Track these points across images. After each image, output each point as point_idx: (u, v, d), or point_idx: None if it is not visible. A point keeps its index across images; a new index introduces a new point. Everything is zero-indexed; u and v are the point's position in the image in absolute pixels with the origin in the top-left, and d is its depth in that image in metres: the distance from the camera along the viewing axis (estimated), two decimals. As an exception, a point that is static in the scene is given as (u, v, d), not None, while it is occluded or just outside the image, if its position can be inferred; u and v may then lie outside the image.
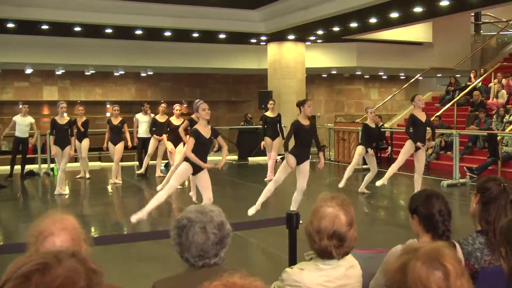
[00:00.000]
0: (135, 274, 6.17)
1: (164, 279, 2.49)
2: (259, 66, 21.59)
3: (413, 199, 3.10)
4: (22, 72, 21.59)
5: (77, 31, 17.14)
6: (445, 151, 15.57)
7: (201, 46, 20.44)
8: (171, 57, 20.59)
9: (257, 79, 24.66)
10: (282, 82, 19.61)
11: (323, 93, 28.08)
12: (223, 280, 1.45)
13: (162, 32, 17.69)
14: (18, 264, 1.30)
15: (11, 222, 9.66)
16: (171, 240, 2.48)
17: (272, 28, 17.46)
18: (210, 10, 16.37)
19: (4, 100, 23.20)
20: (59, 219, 2.25)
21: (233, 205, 9.88)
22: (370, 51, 21.39)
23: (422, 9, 14.26)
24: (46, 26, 16.45)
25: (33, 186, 13.27)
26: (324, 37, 19.34)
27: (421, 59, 21.90)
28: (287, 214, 4.05)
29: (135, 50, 19.73)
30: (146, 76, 24.21)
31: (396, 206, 10.85)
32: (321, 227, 2.56)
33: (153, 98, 25.42)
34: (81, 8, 15.16)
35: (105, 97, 24.62)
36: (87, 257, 1.40)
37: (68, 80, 23.62)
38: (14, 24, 16.07)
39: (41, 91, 23.32)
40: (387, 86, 28.88)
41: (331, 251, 2.58)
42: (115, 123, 12.82)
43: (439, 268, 1.64)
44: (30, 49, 18.52)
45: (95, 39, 18.91)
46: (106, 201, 11.68)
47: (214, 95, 26.32)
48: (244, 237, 7.04)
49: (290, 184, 11.80)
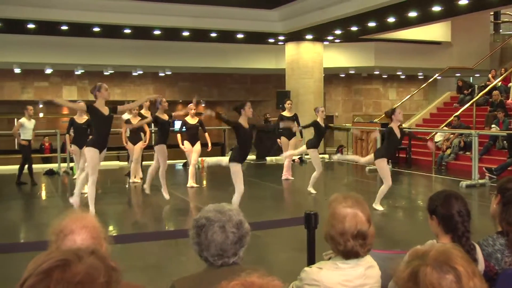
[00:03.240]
0: (154, 272, 6.19)
1: (183, 278, 2.50)
2: (277, 66, 21.58)
3: (432, 199, 3.08)
4: (42, 72, 21.81)
5: (96, 31, 17.28)
6: (464, 152, 15.45)
7: (219, 46, 20.48)
8: (189, 57, 20.66)
9: (275, 79, 24.65)
10: (300, 82, 19.59)
11: (341, 93, 27.99)
12: (241, 279, 1.45)
13: (180, 32, 17.76)
14: (39, 261, 1.31)
15: (31, 220, 9.76)
16: (190, 239, 2.49)
17: (290, 28, 17.45)
18: (228, 10, 16.40)
19: (25, 100, 23.42)
20: (79, 217, 2.27)
21: (251, 205, 9.87)
22: (388, 51, 21.29)
23: (441, 8, 14.16)
24: (66, 27, 16.60)
25: (53, 185, 13.38)
26: (342, 37, 19.28)
27: (439, 58, 21.75)
28: (306, 214, 4.05)
29: (154, 50, 19.82)
30: (164, 76, 24.31)
31: (414, 207, 10.78)
32: (345, 229, 2.56)
33: (171, 98, 25.49)
34: (100, 9, 15.28)
35: (123, 96, 24.75)
36: (107, 255, 1.42)
37: (87, 80, 23.79)
38: (34, 25, 16.25)
39: (61, 91, 23.52)
40: (405, 86, 28.72)
41: (357, 250, 2.58)
42: (133, 122, 12.79)
43: (450, 271, 1.61)
44: (50, 50, 18.73)
45: (113, 40, 19.05)
46: (124, 200, 11.75)
47: (231, 94, 26.36)
48: (262, 236, 7.04)
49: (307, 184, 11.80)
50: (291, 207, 10.59)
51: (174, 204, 10.76)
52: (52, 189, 13.03)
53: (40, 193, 12.48)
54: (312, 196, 11.26)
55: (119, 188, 12.77)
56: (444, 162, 15.38)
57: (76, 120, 11.71)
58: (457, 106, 18.63)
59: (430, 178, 14.52)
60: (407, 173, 14.99)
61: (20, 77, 22.36)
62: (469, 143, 14.73)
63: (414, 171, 15.14)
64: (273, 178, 13.83)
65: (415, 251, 1.74)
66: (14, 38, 17.98)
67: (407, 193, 12.97)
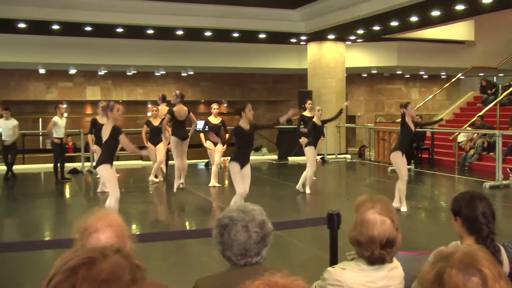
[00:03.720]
0: (177, 271, 6.23)
1: (206, 277, 2.51)
2: (299, 66, 21.56)
3: (456, 200, 3.05)
4: (66, 72, 22.03)
5: (119, 32, 17.43)
6: (488, 152, 15.27)
7: (241, 46, 20.53)
8: (211, 57, 20.73)
9: (297, 78, 24.61)
10: (322, 82, 19.54)
11: (363, 93, 27.85)
12: (265, 279, 1.46)
13: (202, 32, 17.82)
14: (66, 259, 1.33)
15: (56, 218, 9.87)
16: (214, 239, 2.50)
17: (312, 28, 17.42)
18: (250, 10, 16.43)
19: (49, 100, 23.70)
20: (104, 216, 2.29)
21: (273, 205, 9.88)
22: (411, 50, 21.15)
23: (464, 7, 14.01)
24: (90, 28, 16.77)
25: (77, 184, 13.52)
26: (364, 37, 19.19)
27: (462, 58, 21.55)
28: (328, 214, 4.04)
29: (176, 50, 19.94)
30: (186, 76, 24.40)
31: (436, 207, 10.69)
32: (374, 237, 2.53)
33: (193, 98, 25.62)
34: (123, 10, 15.41)
35: (146, 97, 24.91)
36: (132, 253, 1.43)
37: (110, 80, 23.98)
38: (58, 26, 16.45)
39: (84, 91, 23.74)
40: (428, 85, 28.49)
41: (384, 258, 2.56)
42: (155, 124, 12.80)
43: (476, 273, 1.59)
44: (74, 50, 18.94)
45: (136, 40, 19.20)
46: (147, 199, 11.83)
47: (253, 94, 26.37)
48: (284, 236, 7.04)
49: (328, 185, 11.77)
50: (313, 207, 10.57)
51: (197, 203, 10.81)
52: (76, 188, 13.16)
53: (64, 191, 12.61)
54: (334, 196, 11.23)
55: (141, 187, 12.84)
56: (467, 162, 15.22)
57: (98, 121, 11.81)
58: (481, 106, 18.43)
59: (453, 179, 14.39)
60: (429, 174, 14.88)
61: (44, 77, 22.62)
62: (493, 143, 14.55)
63: (436, 172, 15.02)
64: (295, 178, 13.80)
65: (440, 253, 1.72)
66: (39, 39, 18.24)
67: (430, 193, 12.87)
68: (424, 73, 26.92)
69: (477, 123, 16.27)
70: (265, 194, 11.91)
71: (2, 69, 21.96)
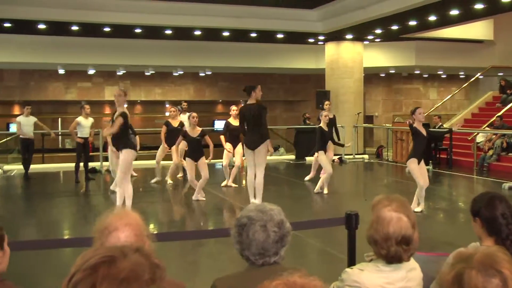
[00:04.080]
0: (194, 271, 6.25)
1: (224, 276, 2.52)
2: (317, 66, 21.52)
3: (475, 201, 3.03)
4: (85, 73, 22.22)
5: (137, 32, 17.53)
6: (507, 153, 15.13)
7: (259, 46, 20.54)
8: (229, 57, 20.78)
9: (315, 79, 24.57)
10: (339, 82, 19.49)
11: (381, 93, 27.73)
12: (283, 279, 1.46)
13: (220, 32, 17.86)
14: (86, 257, 1.35)
15: (74, 217, 9.95)
16: (232, 238, 2.50)
17: (330, 28, 17.38)
18: (268, 10, 16.43)
19: (68, 100, 23.91)
20: (123, 215, 2.31)
21: (291, 205, 9.88)
22: (429, 50, 21.00)
23: (483, 5, 13.88)
24: (108, 29, 16.90)
25: (96, 183, 13.60)
26: (382, 36, 19.11)
27: (481, 57, 21.37)
28: (346, 214, 4.03)
29: (194, 50, 20.00)
30: (204, 76, 24.47)
31: (455, 208, 10.62)
32: (390, 233, 2.52)
33: (211, 98, 25.72)
34: (142, 10, 15.50)
35: (164, 96, 25.03)
36: (151, 252, 1.44)
37: (129, 80, 24.13)
38: (77, 27, 16.59)
39: (103, 91, 23.91)
40: (446, 85, 28.30)
41: (401, 256, 2.55)
42: (174, 125, 12.66)
43: (496, 275, 1.59)
44: (92, 51, 19.10)
45: (155, 40, 19.29)
46: (165, 198, 11.88)
47: (271, 94, 26.35)
48: (302, 236, 7.04)
49: (346, 185, 11.74)
50: (331, 207, 10.54)
51: (214, 203, 10.83)
52: (95, 187, 13.25)
53: (83, 191, 12.70)
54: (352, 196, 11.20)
55: (159, 186, 12.89)
56: (486, 163, 15.09)
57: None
58: (500, 106, 18.27)
59: (471, 180, 14.28)
60: (448, 174, 14.77)
61: (64, 77, 22.82)
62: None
63: (455, 172, 14.91)
64: (314, 178, 13.78)
65: (459, 254, 1.72)
66: (58, 40, 18.42)
67: (448, 194, 12.78)
68: (443, 72, 26.74)
69: (496, 123, 16.13)
70: (283, 194, 11.91)
71: (22, 70, 22.23)
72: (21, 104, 24.61)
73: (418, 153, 9.24)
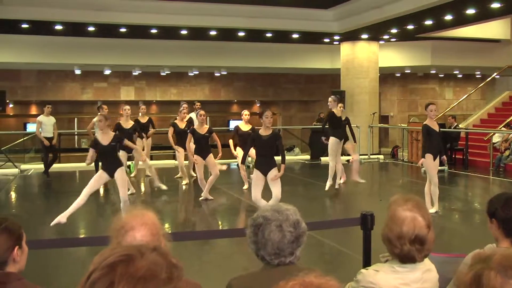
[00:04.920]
0: (209, 270, 6.26)
1: (239, 276, 2.53)
2: (332, 66, 21.48)
3: (492, 202, 3.01)
4: (101, 73, 22.35)
5: (153, 33, 17.62)
6: (525, 153, 15.02)
7: (274, 46, 20.54)
8: (244, 57, 20.80)
9: (330, 78, 24.52)
10: (355, 81, 19.44)
11: (396, 93, 27.60)
12: (299, 279, 1.46)
13: (236, 32, 17.88)
14: (104, 256, 1.36)
15: (89, 216, 10.01)
16: (247, 238, 2.51)
17: (345, 28, 17.33)
18: (283, 10, 16.42)
19: (84, 100, 24.06)
20: (139, 214, 2.33)
21: (305, 205, 9.86)
22: (445, 49, 20.87)
23: (500, 4, 13.76)
24: (124, 29, 17.00)
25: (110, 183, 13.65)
26: (397, 36, 19.03)
27: (498, 57, 21.18)
28: (362, 215, 4.03)
29: (209, 50, 20.04)
30: (219, 76, 24.50)
31: (470, 209, 10.54)
32: (403, 232, 2.51)
33: (226, 98, 25.75)
34: (157, 11, 15.57)
35: (179, 96, 25.08)
36: (168, 251, 1.45)
37: (144, 81, 24.23)
38: (94, 28, 16.70)
39: (119, 91, 24.03)
40: (462, 85, 28.10)
41: (414, 255, 2.54)
42: (181, 127, 12.62)
43: None
44: (108, 51, 19.24)
45: (170, 41, 19.37)
46: (180, 198, 11.92)
47: (286, 94, 26.36)
48: (317, 237, 7.03)
49: (361, 185, 11.71)
50: (346, 208, 10.52)
51: (230, 203, 10.85)
52: (110, 186, 13.31)
53: (97, 190, 12.74)
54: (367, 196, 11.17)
55: (174, 186, 12.92)
56: (503, 163, 14.96)
57: (122, 125, 11.94)
58: (517, 106, 18.12)
59: (487, 180, 14.18)
60: (463, 175, 14.68)
61: (80, 78, 22.97)
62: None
63: (471, 173, 14.81)
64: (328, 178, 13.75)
65: (478, 255, 1.72)
66: (75, 40, 18.56)
67: (464, 195, 12.70)
68: (459, 72, 26.55)
69: (513, 124, 16.00)
70: (298, 194, 11.90)
71: (39, 70, 22.41)
72: (38, 104, 24.84)
73: (433, 148, 9.05)
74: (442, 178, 14.12)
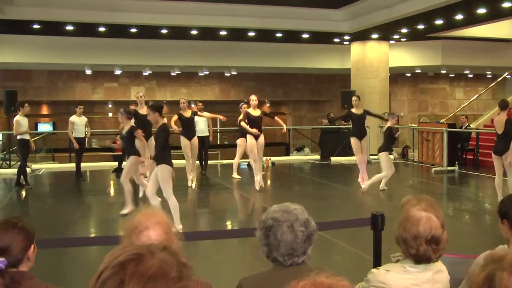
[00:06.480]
0: (219, 270, 6.25)
1: (249, 276, 2.53)
2: (342, 66, 21.45)
3: (503, 203, 3.00)
4: (111, 73, 22.45)
5: (163, 33, 17.67)
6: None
7: (284, 46, 20.55)
8: (254, 57, 20.82)
9: (340, 78, 24.49)
10: (365, 81, 19.40)
11: (407, 93, 27.52)
12: (311, 279, 1.46)
13: (246, 32, 17.90)
14: (114, 255, 1.37)
15: (101, 215, 10.05)
16: (258, 241, 2.51)
17: (355, 28, 17.30)
18: (293, 10, 16.41)
19: (95, 100, 24.17)
20: (152, 214, 2.34)
21: (316, 205, 9.85)
22: (456, 49, 20.78)
23: (511, 4, 13.70)
24: (134, 30, 17.07)
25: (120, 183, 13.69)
26: (408, 36, 18.98)
27: (509, 56, 21.06)
28: (372, 215, 4.02)
29: (219, 50, 20.08)
30: (229, 76, 24.54)
31: (481, 210, 10.49)
32: (419, 232, 2.51)
33: (236, 98, 25.73)
34: (168, 11, 15.61)
35: (189, 96, 25.09)
36: (178, 251, 1.46)
37: (155, 81, 24.31)
38: (104, 28, 16.78)
39: (129, 91, 24.11)
40: (472, 85, 27.98)
41: (430, 255, 2.53)
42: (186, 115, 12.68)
43: None
44: (119, 52, 19.33)
45: (180, 41, 19.42)
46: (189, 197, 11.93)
47: (296, 94, 26.36)
48: (327, 237, 7.02)
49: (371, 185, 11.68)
50: (356, 208, 10.50)
51: (240, 203, 10.86)
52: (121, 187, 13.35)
53: (108, 189, 12.82)
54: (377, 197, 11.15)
55: (184, 185, 12.92)
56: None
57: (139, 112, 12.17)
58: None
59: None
60: (474, 175, 14.60)
61: (90, 78, 23.08)
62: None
63: (481, 173, 14.72)
64: (338, 178, 13.74)
65: (490, 255, 1.71)
66: (86, 41, 18.66)
67: (474, 195, 12.64)
68: (469, 72, 26.45)
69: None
70: (307, 194, 11.88)
71: (50, 70, 22.54)
72: (49, 104, 24.97)
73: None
74: (453, 178, 14.08)
